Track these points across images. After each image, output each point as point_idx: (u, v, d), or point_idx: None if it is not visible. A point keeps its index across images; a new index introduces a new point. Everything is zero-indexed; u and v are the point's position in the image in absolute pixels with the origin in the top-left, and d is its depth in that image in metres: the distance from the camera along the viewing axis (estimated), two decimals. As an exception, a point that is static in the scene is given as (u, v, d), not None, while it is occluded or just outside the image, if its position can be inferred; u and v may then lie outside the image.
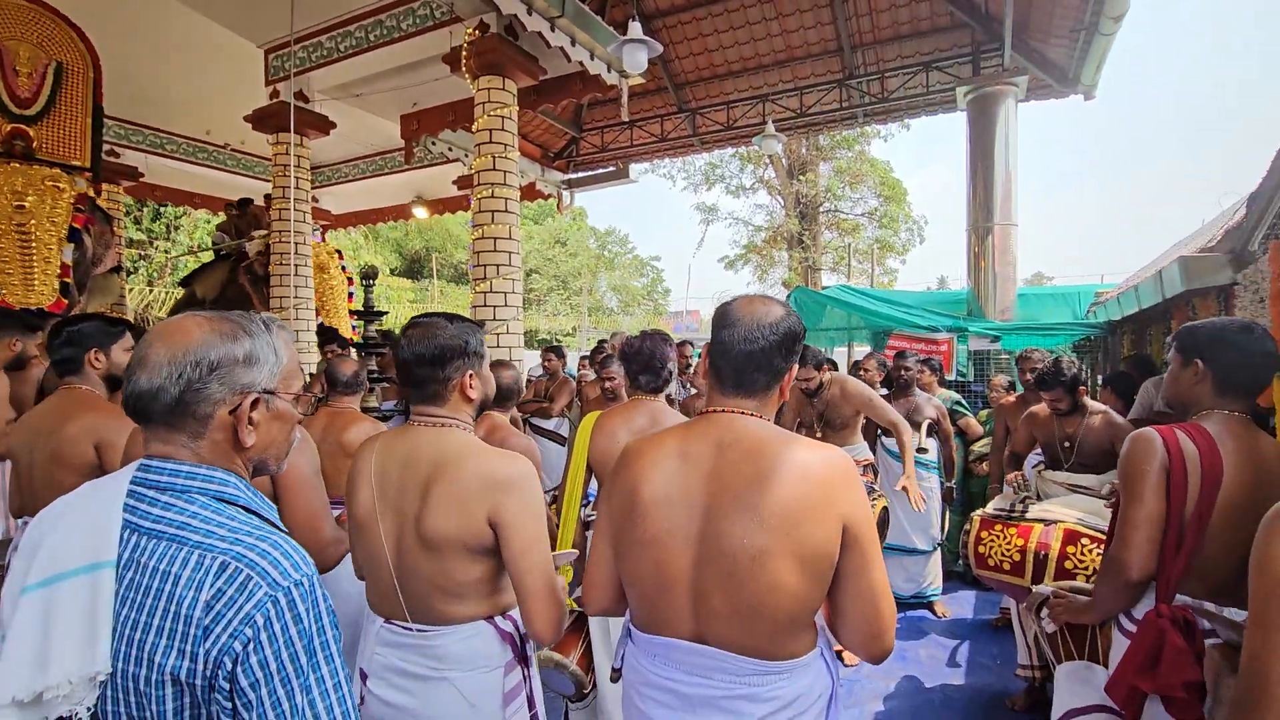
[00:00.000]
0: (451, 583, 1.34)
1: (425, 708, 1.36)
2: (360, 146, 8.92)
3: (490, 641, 1.39)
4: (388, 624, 1.40)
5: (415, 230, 26.08)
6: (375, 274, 3.81)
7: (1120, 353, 5.81)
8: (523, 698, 1.44)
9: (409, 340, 1.41)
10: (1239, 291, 3.26)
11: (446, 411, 1.42)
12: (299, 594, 0.79)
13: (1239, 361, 1.51)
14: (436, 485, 1.31)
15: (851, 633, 1.13)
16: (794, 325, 1.17)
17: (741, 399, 1.17)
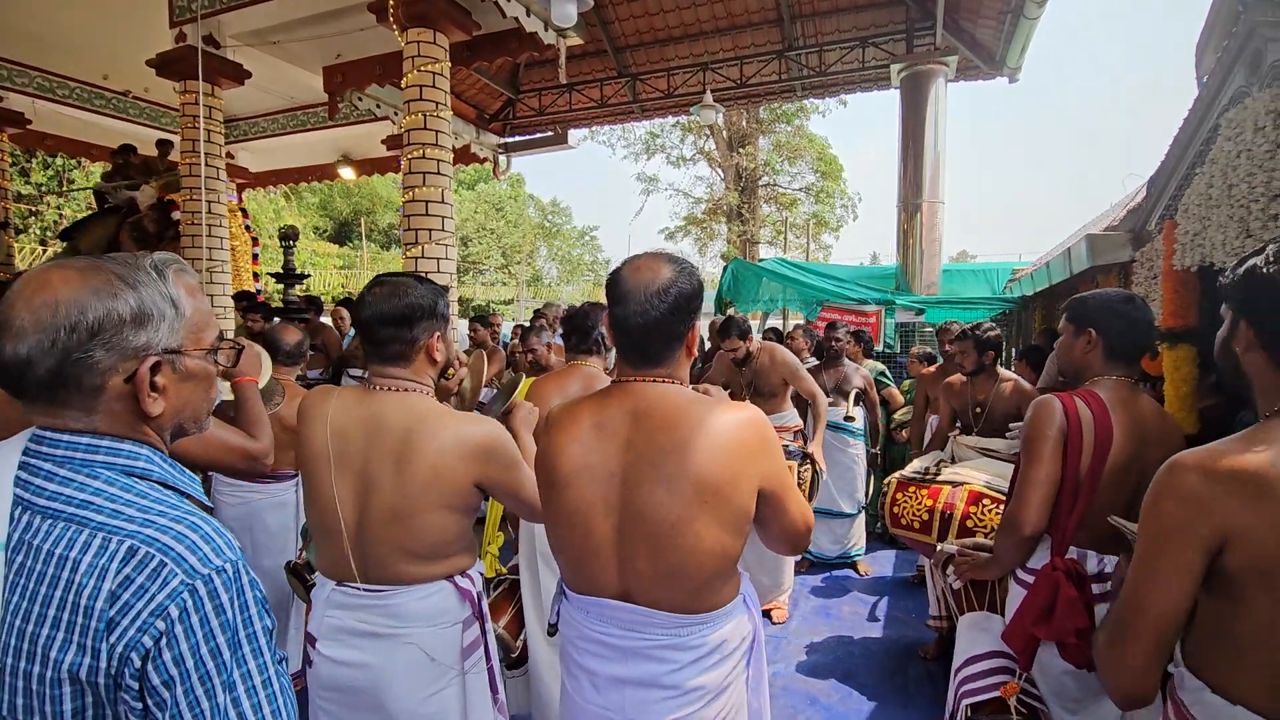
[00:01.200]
0: (423, 545, 1.36)
1: (384, 663, 1.36)
2: (280, 100, 8.36)
3: (450, 599, 1.41)
4: (340, 586, 1.39)
5: (342, 192, 24.81)
6: (295, 235, 3.61)
7: (1033, 326, 6.16)
8: (480, 651, 1.48)
9: (374, 298, 1.38)
10: (1136, 268, 3.49)
11: (410, 374, 1.41)
12: (221, 581, 0.70)
13: (1125, 329, 1.63)
14: (414, 453, 1.31)
15: (774, 546, 1.26)
16: (686, 287, 1.14)
17: (649, 369, 1.18)
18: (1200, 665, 1.02)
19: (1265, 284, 0.98)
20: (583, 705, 1.21)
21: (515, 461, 1.42)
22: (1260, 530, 0.91)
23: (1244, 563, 0.93)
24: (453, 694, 1.40)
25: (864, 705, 2.85)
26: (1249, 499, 0.91)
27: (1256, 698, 0.94)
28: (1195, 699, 1.02)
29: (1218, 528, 0.93)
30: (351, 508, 1.35)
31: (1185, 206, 2.84)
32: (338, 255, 22.95)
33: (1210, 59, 2.73)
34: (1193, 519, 0.95)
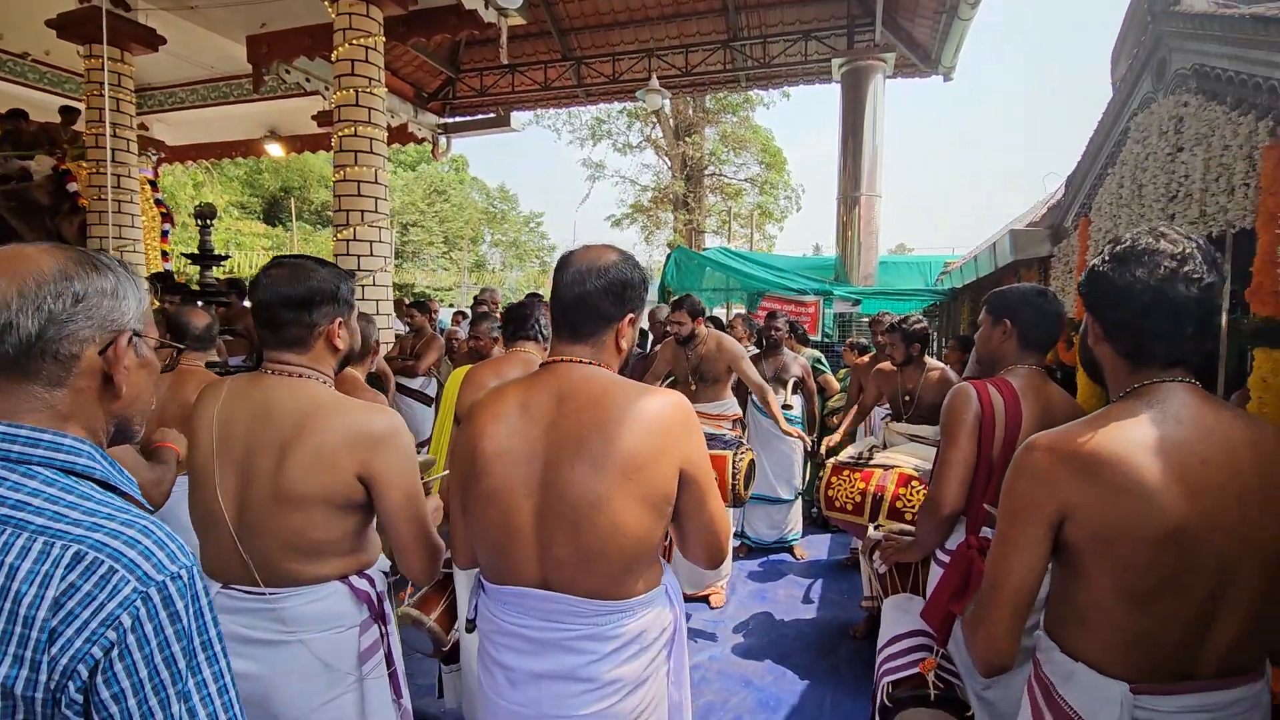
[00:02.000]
0: (307, 541, 1.28)
1: (273, 673, 1.29)
2: (199, 69, 7.85)
3: (344, 601, 1.34)
4: (226, 589, 1.31)
5: (270, 167, 23.52)
6: (213, 213, 3.39)
7: (962, 316, 6.43)
8: (380, 655, 1.41)
9: (272, 279, 1.31)
10: (1054, 263, 3.68)
11: (307, 361, 1.34)
12: (176, 588, 0.68)
13: (1038, 321, 1.74)
14: (299, 441, 1.25)
15: (692, 551, 1.24)
16: (625, 273, 1.18)
17: (575, 344, 1.19)
18: (1053, 628, 1.11)
19: (1102, 281, 1.07)
20: (498, 702, 1.19)
21: (409, 462, 1.33)
22: (1094, 506, 0.98)
23: (1080, 536, 1.00)
24: (350, 701, 1.33)
25: (796, 685, 2.93)
26: (1084, 477, 0.98)
27: (1093, 656, 1.03)
28: (1048, 658, 1.11)
29: (1060, 503, 1.00)
30: (233, 498, 1.28)
31: (1098, 205, 3.00)
32: (265, 235, 21.79)
33: (1123, 65, 2.88)
34: (1040, 495, 1.02)
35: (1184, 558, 0.95)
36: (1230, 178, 1.87)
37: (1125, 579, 0.98)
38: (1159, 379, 1.04)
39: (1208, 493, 0.95)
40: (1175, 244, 1.01)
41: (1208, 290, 1.00)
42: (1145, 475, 0.95)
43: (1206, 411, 1.00)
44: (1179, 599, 0.97)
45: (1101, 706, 1.02)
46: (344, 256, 4.95)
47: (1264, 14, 1.65)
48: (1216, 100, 1.97)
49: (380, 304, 5.06)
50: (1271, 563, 0.97)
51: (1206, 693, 1.00)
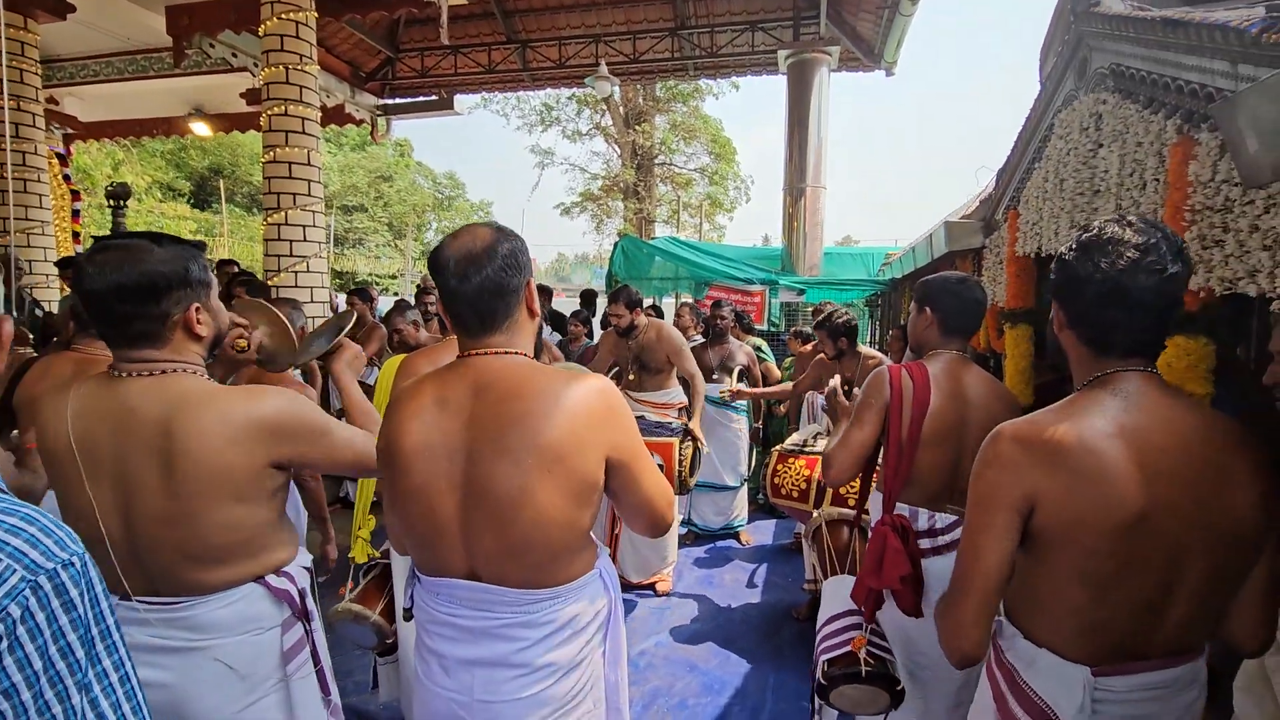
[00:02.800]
0: (208, 549, 1.19)
1: (186, 681, 1.20)
2: (114, 40, 7.33)
3: (260, 602, 1.27)
4: (125, 602, 1.20)
5: (198, 147, 22.19)
6: (127, 193, 3.18)
7: (902, 306, 6.62)
8: (306, 653, 1.35)
9: (100, 267, 1.13)
10: (986, 254, 3.81)
11: (166, 354, 1.20)
12: (69, 576, 0.64)
13: (957, 308, 1.80)
14: (180, 447, 1.13)
15: (634, 525, 1.24)
16: (510, 244, 1.12)
17: (489, 336, 1.14)
18: (1015, 614, 1.14)
19: (1067, 270, 1.08)
20: (433, 689, 1.17)
21: (319, 429, 1.26)
22: (1058, 494, 1.00)
23: (1046, 523, 1.02)
24: (273, 703, 1.28)
25: (740, 667, 2.98)
26: (1049, 465, 1.01)
27: (1055, 642, 1.07)
28: (1010, 644, 1.14)
29: (1027, 491, 1.02)
30: (115, 517, 1.16)
31: (1026, 198, 3.12)
32: (192, 219, 20.61)
33: (1050, 63, 2.99)
34: (1008, 483, 1.04)
35: (1143, 543, 0.97)
36: (1143, 173, 1.96)
37: (1087, 565, 1.00)
38: (1120, 368, 1.05)
39: (1165, 480, 0.97)
40: (1140, 234, 1.02)
41: (1170, 281, 1.00)
42: (1107, 463, 0.97)
43: (1164, 400, 1.03)
44: (1136, 584, 1.00)
45: (1064, 690, 1.04)
46: (275, 241, 4.74)
47: (1173, 17, 1.73)
48: (1131, 99, 2.06)
49: (315, 292, 4.87)
50: (1220, 547, 1.00)
51: (1157, 671, 1.04)
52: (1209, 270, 1.59)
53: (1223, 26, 1.45)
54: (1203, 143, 1.61)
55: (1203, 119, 1.63)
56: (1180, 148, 1.70)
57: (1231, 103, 1.19)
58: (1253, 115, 1.14)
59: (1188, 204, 1.66)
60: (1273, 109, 1.09)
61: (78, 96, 8.41)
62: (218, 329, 1.28)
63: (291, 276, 4.72)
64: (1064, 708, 1.04)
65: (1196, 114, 1.67)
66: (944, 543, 1.70)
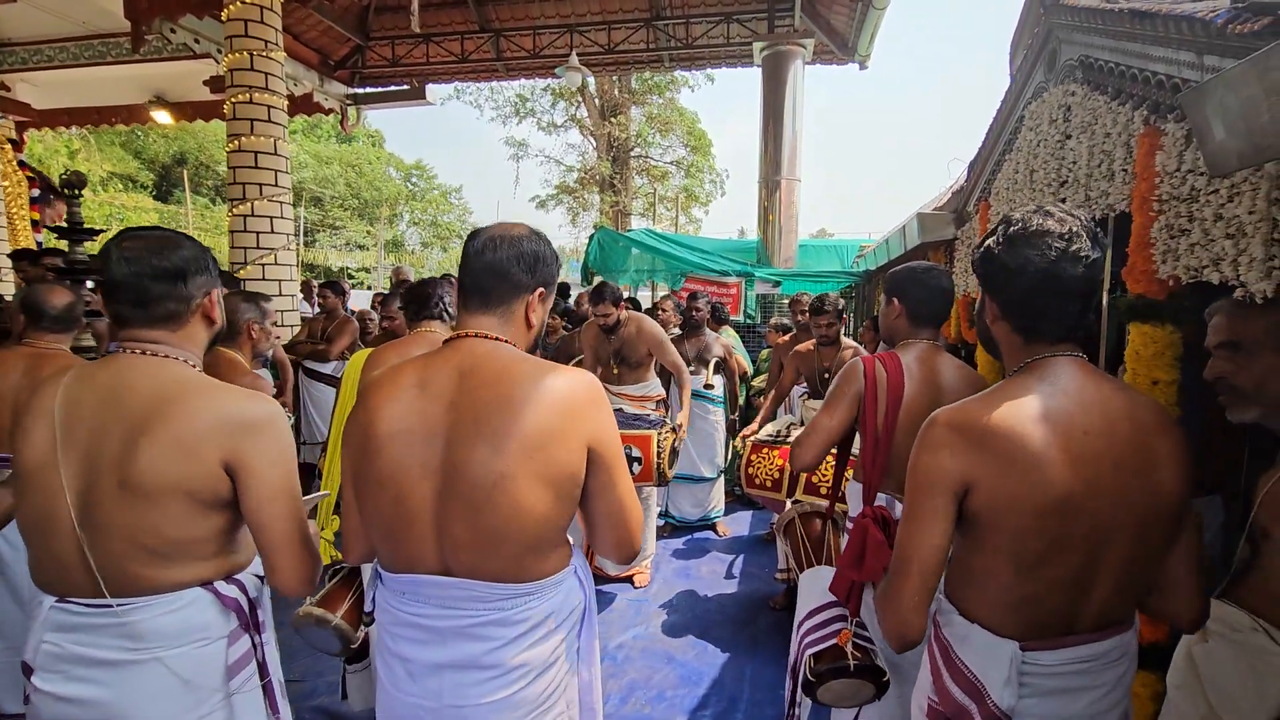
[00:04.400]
0: (161, 541, 1.13)
1: (122, 698, 1.14)
2: (69, 24, 7.05)
3: (207, 610, 1.20)
4: (61, 603, 1.14)
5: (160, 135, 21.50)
6: (81, 182, 3.04)
7: (876, 297, 6.69)
8: (252, 666, 1.28)
9: (131, 251, 1.19)
10: (958, 245, 3.86)
11: (179, 339, 1.24)
12: None
13: (924, 297, 1.82)
14: (157, 425, 1.12)
15: (601, 542, 1.19)
16: (537, 246, 1.16)
17: (484, 315, 1.14)
18: (952, 592, 1.17)
19: (994, 261, 1.10)
20: (398, 696, 1.13)
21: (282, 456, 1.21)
22: (988, 476, 1.02)
23: (979, 506, 1.05)
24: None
25: (718, 658, 2.99)
26: (979, 449, 1.03)
27: (987, 618, 1.10)
28: (947, 620, 1.17)
29: (961, 474, 1.05)
30: (77, 490, 1.13)
31: (997, 190, 3.16)
32: (154, 210, 19.97)
33: (1020, 56, 3.02)
34: (943, 466, 1.06)
35: (1068, 524, 1.00)
36: (1111, 164, 1.99)
37: (1015, 545, 1.03)
38: (1049, 354, 1.08)
39: (1089, 462, 1.00)
40: (1062, 223, 1.05)
41: (1092, 267, 1.04)
42: (1034, 446, 1.00)
43: (1090, 384, 1.05)
44: (1063, 562, 1.02)
45: (993, 663, 1.07)
46: (241, 233, 4.61)
47: (1140, 9, 1.75)
48: (1100, 90, 2.09)
49: (283, 284, 4.76)
50: (1142, 525, 1.03)
51: (1085, 645, 1.07)
52: (1175, 259, 1.62)
53: (1189, 18, 1.47)
54: (1169, 133, 1.63)
55: (1169, 110, 1.66)
56: (1147, 138, 1.72)
57: (1199, 92, 1.21)
58: (1219, 105, 1.15)
59: (1155, 194, 1.68)
60: (1238, 99, 1.11)
61: (31, 83, 8.08)
62: (222, 322, 1.34)
63: (259, 269, 4.60)
64: (992, 680, 1.07)
65: (1163, 105, 1.70)
66: (920, 531, 1.71)
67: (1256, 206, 1.31)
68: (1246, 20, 1.29)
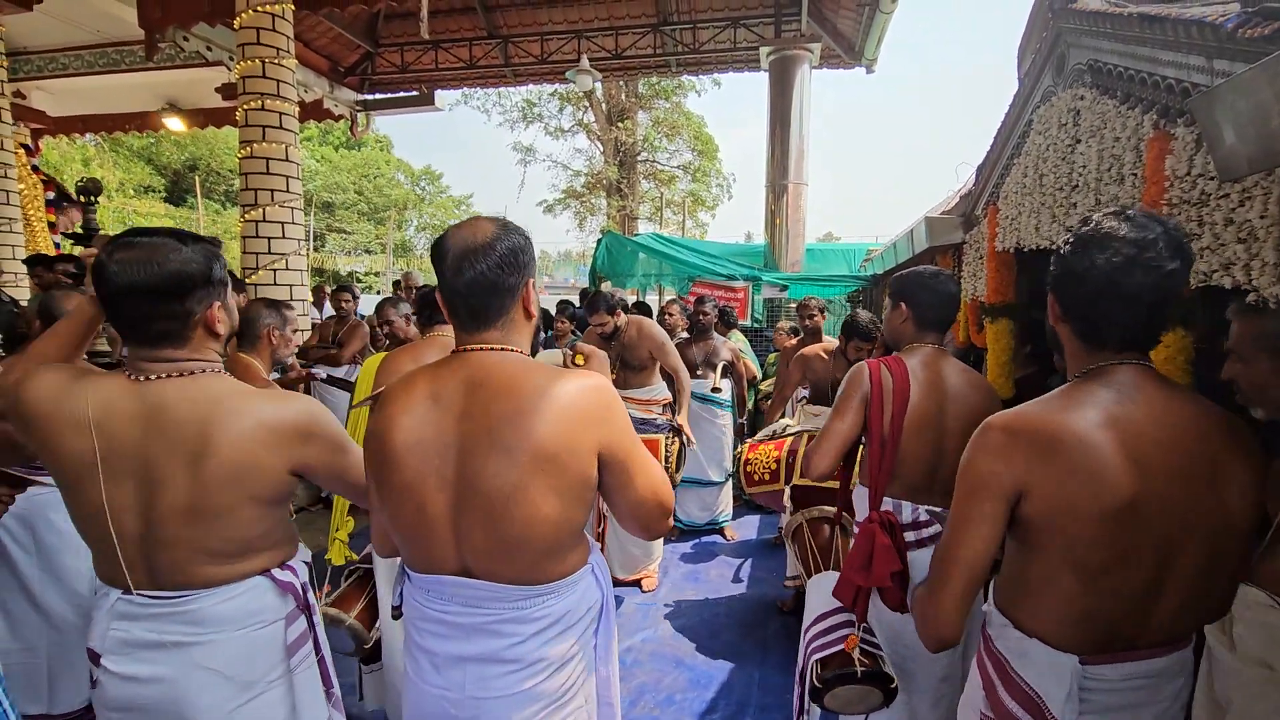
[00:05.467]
0: (229, 544, 1.21)
1: (185, 675, 1.19)
2: (84, 33, 7.15)
3: (265, 595, 1.27)
4: (127, 595, 1.20)
5: (172, 141, 21.74)
6: (98, 189, 3.09)
7: (883, 302, 6.68)
8: (309, 645, 1.36)
9: (123, 264, 1.11)
10: (966, 249, 3.85)
11: (188, 353, 1.21)
12: None
13: (930, 301, 1.81)
14: (213, 445, 1.15)
15: (630, 528, 1.23)
16: (511, 241, 1.10)
17: (483, 332, 1.13)
18: (1006, 604, 1.14)
19: (1062, 264, 1.09)
20: (423, 688, 1.16)
21: (340, 443, 1.30)
22: (1049, 483, 1.00)
23: (1036, 513, 1.03)
24: (277, 696, 1.27)
25: (727, 662, 2.99)
26: (1040, 455, 1.01)
27: (1046, 631, 1.07)
28: (1000, 634, 1.14)
29: (1016, 480, 1.03)
30: (134, 514, 1.16)
31: (1005, 194, 3.15)
32: (166, 216, 20.17)
33: (1028, 60, 3.02)
34: (997, 471, 1.04)
35: (1133, 535, 0.98)
36: (1120, 168, 1.98)
37: (1077, 555, 1.01)
38: (1114, 360, 1.06)
39: (1156, 472, 0.98)
40: (1138, 229, 1.01)
41: (1168, 277, 1.00)
42: (1098, 455, 0.98)
43: (1158, 393, 1.03)
44: (1127, 574, 1.00)
45: (1053, 679, 1.05)
46: (253, 238, 4.65)
47: (1150, 13, 1.75)
48: (1109, 94, 2.09)
49: (294, 290, 4.79)
50: (1211, 539, 1.01)
51: (1147, 660, 1.05)
52: (1186, 263, 1.61)
53: (1199, 22, 1.47)
54: (1179, 137, 1.63)
55: (1179, 114, 1.66)
56: (1157, 142, 1.72)
57: (1209, 97, 1.21)
58: (1229, 109, 1.15)
59: (1165, 198, 1.68)
60: (1249, 103, 1.11)
61: (46, 90, 8.20)
62: (231, 326, 1.30)
63: (270, 274, 4.65)
64: (1053, 696, 1.04)
65: (1173, 109, 1.70)
66: (927, 535, 1.71)
67: (1268, 211, 1.30)
68: (1257, 24, 1.29)
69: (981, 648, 1.19)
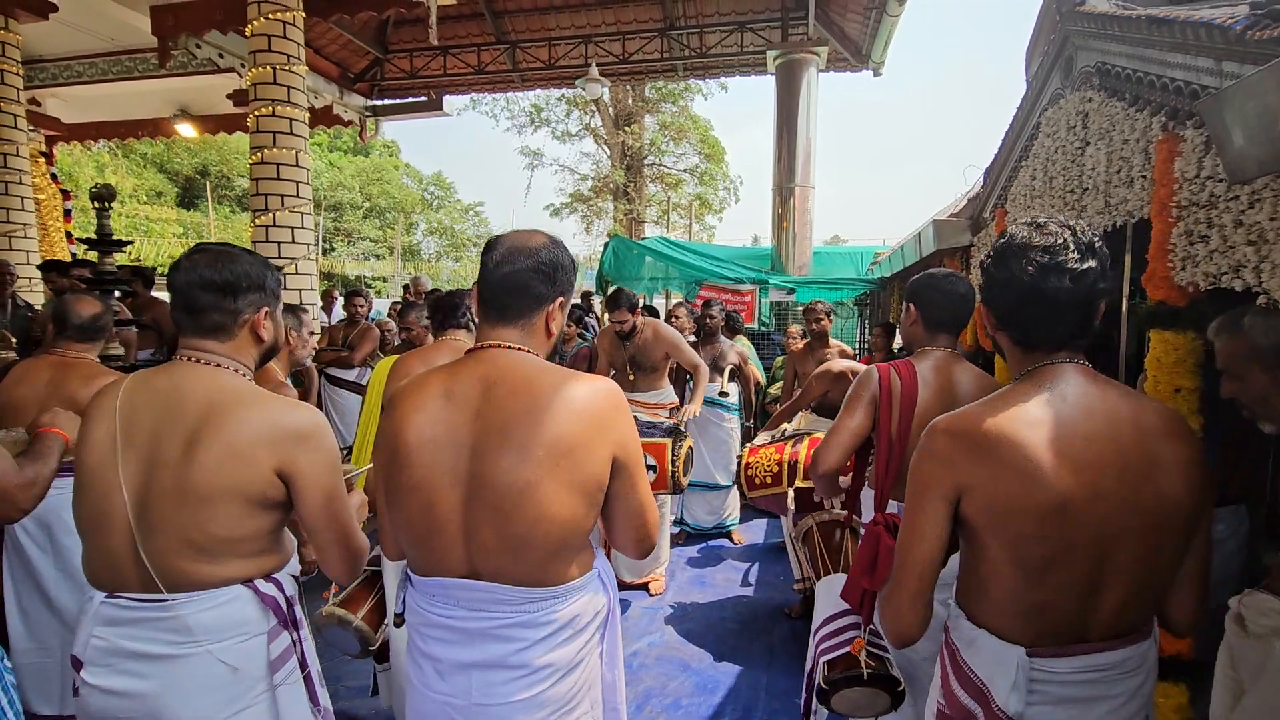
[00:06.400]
0: (211, 539, 1.19)
1: (168, 689, 1.18)
2: (98, 41, 7.25)
3: (247, 607, 1.25)
4: (111, 599, 1.20)
5: (184, 148, 21.98)
6: (111, 194, 3.13)
7: (891, 304, 6.65)
8: (294, 660, 1.34)
9: (194, 263, 1.28)
10: (974, 252, 3.84)
11: (228, 350, 1.30)
12: None
13: (940, 303, 1.81)
14: (212, 431, 1.18)
15: (621, 539, 1.23)
16: (556, 255, 1.17)
17: (503, 328, 1.16)
18: (962, 597, 1.17)
19: (986, 276, 1.13)
20: (427, 694, 1.16)
21: (337, 465, 1.29)
22: (985, 483, 1.03)
23: (976, 511, 1.05)
24: (260, 712, 1.26)
25: (733, 667, 2.98)
26: (975, 455, 1.04)
27: (993, 622, 1.10)
28: (955, 625, 1.17)
29: (956, 481, 1.06)
30: (135, 490, 1.19)
31: (1013, 196, 3.14)
32: (177, 221, 20.36)
33: (1036, 62, 3.01)
34: (939, 473, 1.07)
35: (1070, 530, 1.00)
36: (1129, 170, 1.98)
37: (1017, 550, 1.03)
38: (1049, 361, 1.09)
39: (1091, 468, 1.00)
40: (1049, 236, 1.06)
41: (1082, 278, 1.04)
42: (1031, 453, 1.00)
43: (1093, 390, 1.05)
44: (1068, 568, 1.02)
45: (999, 669, 1.07)
46: (263, 243, 4.70)
47: (1158, 15, 1.75)
48: (1117, 97, 2.08)
49: (304, 293, 4.83)
50: (1151, 531, 1.02)
51: (1097, 654, 1.06)
52: (1195, 265, 1.61)
53: (1208, 24, 1.47)
54: (1188, 139, 1.62)
55: (1188, 116, 1.65)
56: (1166, 144, 1.72)
57: (1218, 99, 1.21)
58: (1238, 111, 1.15)
59: (1174, 200, 1.67)
60: (1258, 105, 1.11)
61: (61, 98, 8.31)
62: (275, 339, 1.39)
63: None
64: (998, 685, 1.07)
65: (1182, 111, 1.69)
66: (934, 538, 1.71)
67: (1278, 213, 1.30)
68: (1266, 26, 1.28)
69: (943, 640, 1.22)
